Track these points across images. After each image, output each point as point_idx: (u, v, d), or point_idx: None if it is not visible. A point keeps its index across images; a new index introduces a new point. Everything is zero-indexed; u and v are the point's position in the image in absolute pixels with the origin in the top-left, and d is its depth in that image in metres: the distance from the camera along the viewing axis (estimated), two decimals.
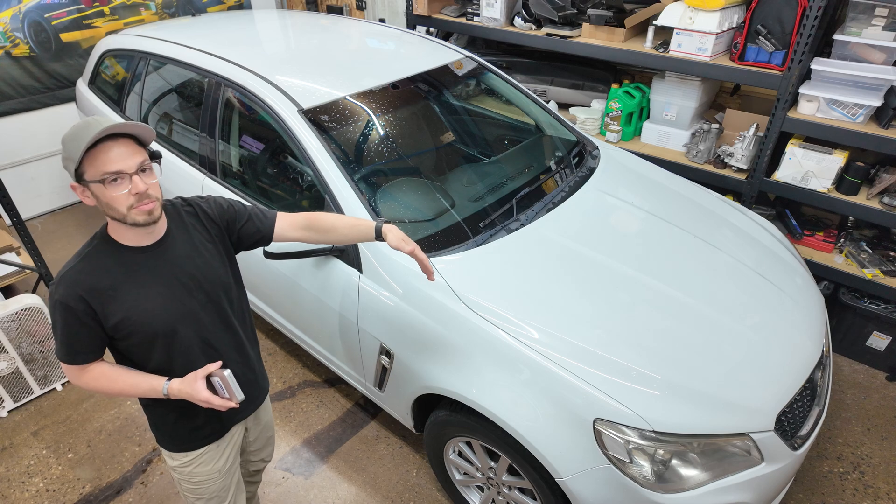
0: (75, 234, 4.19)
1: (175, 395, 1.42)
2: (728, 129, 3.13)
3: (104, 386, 1.43)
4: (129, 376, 1.44)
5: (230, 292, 1.56)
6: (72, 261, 1.38)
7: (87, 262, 1.36)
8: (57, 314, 1.35)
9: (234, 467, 1.75)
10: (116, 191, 1.29)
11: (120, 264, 1.38)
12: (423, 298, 1.94)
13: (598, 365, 1.72)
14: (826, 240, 2.99)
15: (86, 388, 1.49)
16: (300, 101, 2.30)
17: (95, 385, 1.43)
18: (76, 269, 1.35)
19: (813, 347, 1.97)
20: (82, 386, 1.45)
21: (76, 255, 1.39)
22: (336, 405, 2.80)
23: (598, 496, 1.67)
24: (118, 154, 1.28)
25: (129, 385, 1.43)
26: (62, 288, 1.33)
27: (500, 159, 2.66)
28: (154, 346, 1.43)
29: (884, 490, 2.40)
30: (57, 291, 1.34)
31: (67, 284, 1.33)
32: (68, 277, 1.34)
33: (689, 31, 2.83)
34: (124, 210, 1.32)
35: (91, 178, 1.29)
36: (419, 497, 2.39)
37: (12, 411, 2.80)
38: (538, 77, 3.69)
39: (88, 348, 1.40)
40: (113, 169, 1.28)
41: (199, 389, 1.40)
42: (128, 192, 1.30)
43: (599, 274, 2.01)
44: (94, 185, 1.29)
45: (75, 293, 1.33)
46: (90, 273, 1.35)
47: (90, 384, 1.44)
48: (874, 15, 2.54)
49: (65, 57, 4.10)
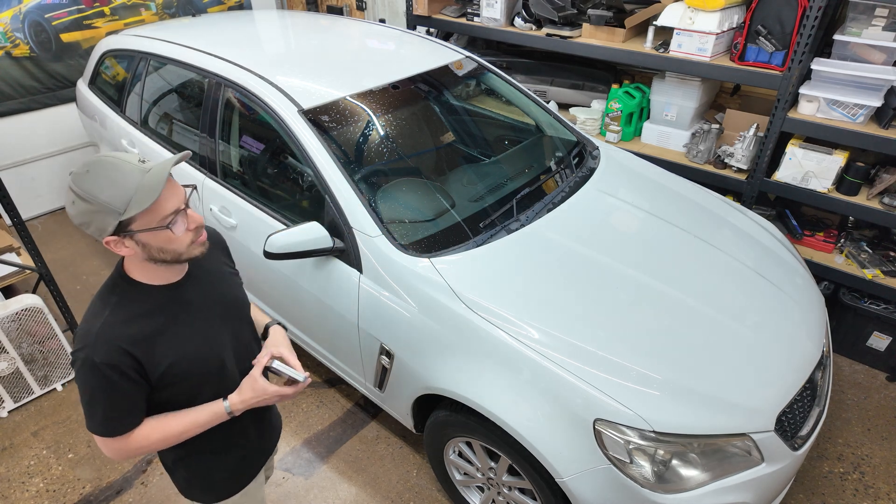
0: (75, 234, 4.19)
1: (240, 407, 1.31)
2: (728, 129, 3.13)
3: (157, 440, 1.26)
4: (181, 416, 1.28)
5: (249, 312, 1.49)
6: (96, 316, 1.18)
7: (120, 311, 1.19)
8: (94, 379, 1.16)
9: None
10: (178, 230, 1.16)
11: (156, 306, 1.23)
12: (424, 299, 1.94)
13: (598, 365, 1.72)
14: (826, 240, 2.99)
15: (133, 454, 1.26)
16: (300, 101, 2.30)
17: (147, 444, 1.25)
18: (110, 323, 1.17)
19: (813, 347, 1.97)
20: (129, 454, 1.25)
21: (99, 308, 1.20)
22: (336, 405, 2.80)
23: (598, 496, 1.67)
24: (170, 191, 1.15)
25: (187, 424, 1.28)
26: (101, 347, 1.15)
27: (500, 159, 2.66)
28: (204, 386, 1.31)
29: (884, 490, 2.40)
30: (94, 353, 1.14)
31: (106, 341, 1.15)
32: (105, 333, 1.16)
33: (689, 32, 2.83)
34: (184, 248, 1.20)
35: (144, 227, 1.12)
36: (419, 497, 2.39)
37: (12, 411, 2.80)
38: (538, 77, 3.69)
39: (136, 410, 1.23)
40: (172, 209, 1.14)
41: (266, 387, 1.30)
42: (186, 229, 1.19)
43: (600, 274, 2.01)
44: (146, 233, 1.13)
45: (118, 348, 1.16)
46: (128, 322, 1.19)
47: (140, 446, 1.25)
48: (874, 15, 2.54)
49: (65, 57, 4.10)
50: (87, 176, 1.08)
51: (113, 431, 1.21)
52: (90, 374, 1.15)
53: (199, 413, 1.29)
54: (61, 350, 2.85)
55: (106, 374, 1.15)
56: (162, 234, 1.15)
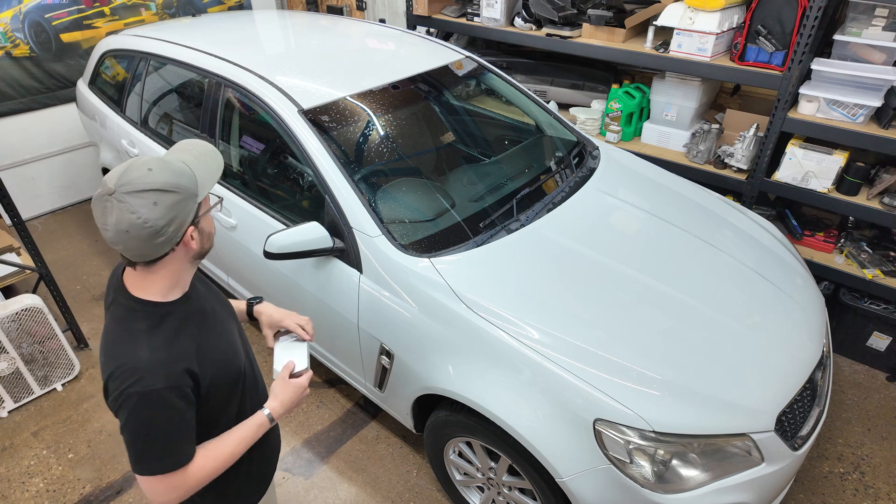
0: (75, 235, 4.19)
1: (280, 412, 1.30)
2: (728, 129, 3.13)
3: (211, 468, 1.19)
4: (228, 438, 1.24)
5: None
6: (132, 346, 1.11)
7: (157, 335, 1.13)
8: (157, 410, 1.08)
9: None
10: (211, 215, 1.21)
11: (186, 320, 1.20)
12: (424, 299, 1.94)
13: (598, 365, 1.72)
14: (826, 240, 2.99)
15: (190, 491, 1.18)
16: (300, 101, 2.30)
17: (202, 475, 1.18)
18: (154, 348, 1.11)
19: (813, 348, 1.97)
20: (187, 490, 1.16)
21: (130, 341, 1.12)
22: (336, 405, 2.80)
23: (598, 496, 1.67)
24: None
25: (236, 442, 1.23)
26: (159, 373, 1.08)
27: (500, 159, 2.66)
28: (234, 392, 1.29)
29: (884, 490, 2.40)
30: (154, 381, 1.08)
31: (162, 366, 1.10)
32: (155, 360, 1.10)
33: (689, 32, 2.83)
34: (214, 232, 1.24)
35: (205, 209, 1.17)
36: (419, 497, 2.39)
37: (12, 411, 2.80)
38: (538, 77, 3.69)
39: (193, 435, 1.17)
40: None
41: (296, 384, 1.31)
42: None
43: (599, 274, 2.01)
44: (205, 217, 1.18)
45: (176, 369, 1.11)
46: (171, 342, 1.14)
47: (197, 478, 1.17)
48: (874, 15, 2.54)
49: (65, 57, 4.10)
50: (154, 173, 1.07)
51: (180, 463, 1.14)
52: (152, 405, 1.08)
53: (243, 432, 1.26)
54: (61, 350, 2.85)
55: (169, 400, 1.10)
56: (209, 217, 1.21)
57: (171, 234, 1.09)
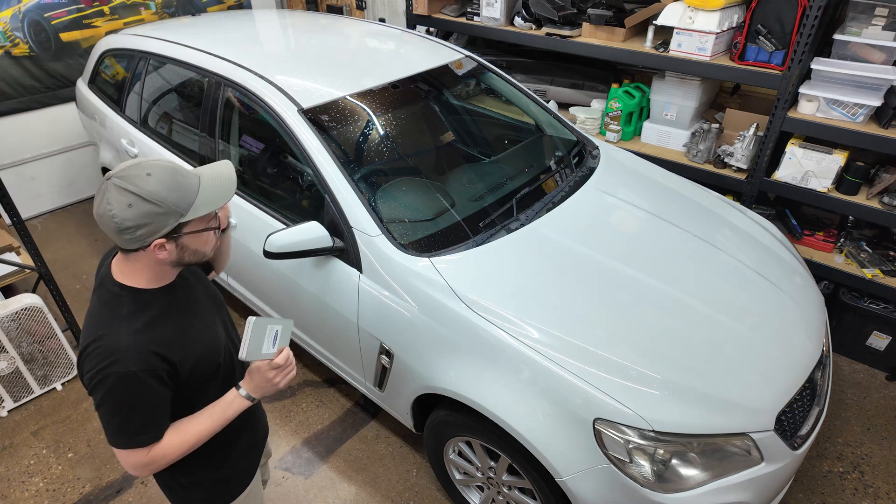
0: (75, 235, 4.19)
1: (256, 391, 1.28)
2: (728, 128, 3.13)
3: (182, 443, 1.23)
4: (201, 417, 1.26)
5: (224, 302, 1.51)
6: (112, 329, 1.15)
7: (137, 320, 1.17)
8: (132, 391, 1.13)
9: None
10: (214, 232, 1.22)
11: (168, 308, 1.23)
12: (424, 298, 1.94)
13: (597, 364, 1.72)
14: (826, 240, 2.99)
15: (159, 465, 1.23)
16: (300, 100, 2.30)
17: (172, 452, 1.22)
18: (132, 332, 1.15)
19: (813, 347, 1.97)
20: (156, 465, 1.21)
21: (111, 321, 1.16)
22: (336, 405, 2.80)
23: (598, 496, 1.67)
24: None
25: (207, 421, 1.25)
26: (134, 356, 1.12)
27: (500, 159, 2.66)
28: (214, 378, 1.32)
29: (884, 490, 2.40)
30: (129, 364, 1.12)
31: (137, 350, 1.13)
32: (132, 343, 1.14)
33: (689, 31, 2.83)
34: (209, 250, 1.23)
35: (194, 229, 1.16)
36: (419, 497, 2.39)
37: (12, 411, 2.80)
38: (538, 77, 3.69)
39: (167, 416, 1.22)
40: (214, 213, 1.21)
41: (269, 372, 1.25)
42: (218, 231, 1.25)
43: (599, 274, 2.01)
44: (191, 235, 1.17)
45: (151, 353, 1.15)
46: (150, 327, 1.18)
47: (165, 454, 1.21)
48: (874, 15, 2.54)
49: (65, 56, 4.10)
50: (150, 179, 1.09)
51: (150, 440, 1.19)
52: (127, 386, 1.13)
53: (215, 411, 1.27)
54: (61, 349, 2.85)
55: (144, 382, 1.14)
56: (203, 236, 1.20)
57: (138, 237, 1.11)
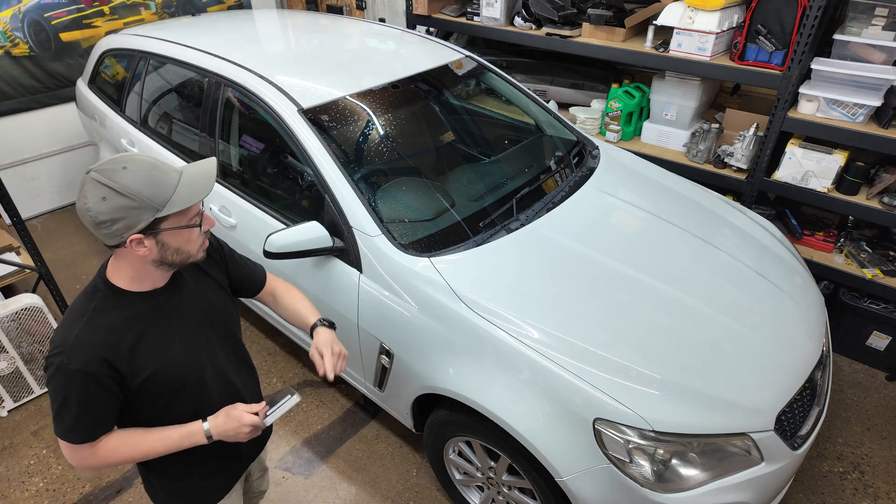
0: (75, 234, 4.19)
1: (216, 434, 1.27)
2: (728, 128, 3.13)
3: (125, 453, 1.23)
4: (153, 433, 1.25)
5: (237, 323, 1.46)
6: (74, 322, 1.16)
7: (100, 318, 1.17)
8: (71, 387, 1.13)
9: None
10: (196, 230, 1.19)
11: (138, 314, 1.21)
12: (424, 298, 1.94)
13: (597, 364, 1.72)
14: (826, 240, 2.99)
15: (99, 466, 1.24)
16: (300, 100, 2.30)
17: (114, 457, 1.22)
18: (89, 330, 1.15)
19: (813, 347, 1.97)
20: (95, 464, 1.22)
21: (78, 315, 1.17)
22: (336, 405, 2.80)
23: (598, 496, 1.67)
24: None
25: (159, 441, 1.24)
26: (78, 354, 1.12)
27: (500, 159, 2.66)
28: (178, 396, 1.28)
29: (884, 490, 2.40)
30: (70, 360, 1.12)
31: (84, 349, 1.13)
32: (82, 340, 1.13)
33: (689, 31, 2.83)
34: (195, 250, 1.21)
35: (173, 225, 1.14)
36: (419, 497, 2.39)
37: (12, 411, 2.80)
38: (538, 77, 3.69)
39: (108, 419, 1.20)
40: (197, 210, 1.18)
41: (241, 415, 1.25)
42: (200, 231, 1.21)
43: (599, 273, 2.01)
44: (170, 232, 1.14)
45: (96, 356, 1.13)
46: (108, 330, 1.16)
47: (106, 458, 1.22)
48: (874, 15, 2.54)
49: (64, 56, 4.10)
50: (125, 172, 1.08)
51: (81, 439, 1.18)
52: (64, 380, 1.13)
53: (170, 433, 1.25)
54: None
55: (81, 382, 1.13)
56: (184, 234, 1.17)
57: (114, 231, 1.10)
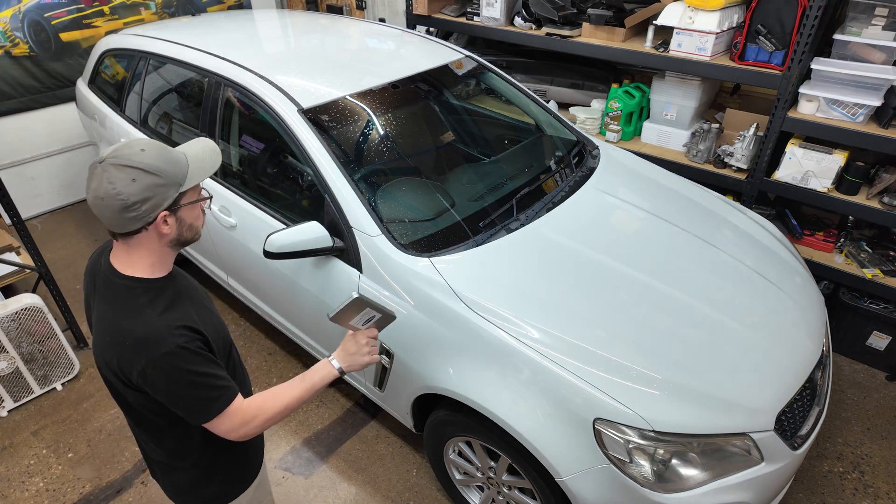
0: (75, 234, 4.19)
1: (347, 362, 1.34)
2: (728, 128, 3.13)
3: (272, 408, 1.25)
4: (285, 384, 1.29)
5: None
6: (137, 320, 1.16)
7: (158, 304, 1.19)
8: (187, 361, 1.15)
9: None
10: (202, 205, 1.25)
11: (175, 293, 1.24)
12: (423, 298, 1.94)
13: (598, 364, 1.72)
14: (826, 239, 2.99)
15: (260, 426, 1.25)
16: (300, 100, 2.30)
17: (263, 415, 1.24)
18: (159, 315, 1.17)
19: (813, 347, 1.97)
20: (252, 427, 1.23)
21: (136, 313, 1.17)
22: (336, 405, 2.80)
23: (598, 496, 1.67)
24: None
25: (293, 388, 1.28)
26: (172, 336, 1.14)
27: (499, 159, 2.66)
28: (231, 357, 1.36)
29: (884, 490, 2.40)
30: (173, 342, 1.13)
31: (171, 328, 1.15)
32: (165, 324, 1.15)
33: (689, 31, 2.83)
34: (200, 226, 1.26)
35: (190, 200, 1.19)
36: (419, 497, 2.39)
37: (12, 411, 2.80)
38: (538, 77, 3.69)
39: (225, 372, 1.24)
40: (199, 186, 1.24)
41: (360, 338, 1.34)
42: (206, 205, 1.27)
43: (599, 273, 2.01)
44: (187, 207, 1.19)
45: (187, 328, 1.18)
46: (172, 309, 1.19)
47: (257, 416, 1.24)
48: (874, 15, 2.54)
49: (64, 56, 4.10)
50: (145, 153, 1.12)
51: (228, 398, 1.20)
52: (180, 361, 1.14)
53: (305, 377, 1.31)
54: (61, 349, 2.85)
55: (192, 354, 1.16)
56: (196, 209, 1.23)
57: (142, 213, 1.12)
